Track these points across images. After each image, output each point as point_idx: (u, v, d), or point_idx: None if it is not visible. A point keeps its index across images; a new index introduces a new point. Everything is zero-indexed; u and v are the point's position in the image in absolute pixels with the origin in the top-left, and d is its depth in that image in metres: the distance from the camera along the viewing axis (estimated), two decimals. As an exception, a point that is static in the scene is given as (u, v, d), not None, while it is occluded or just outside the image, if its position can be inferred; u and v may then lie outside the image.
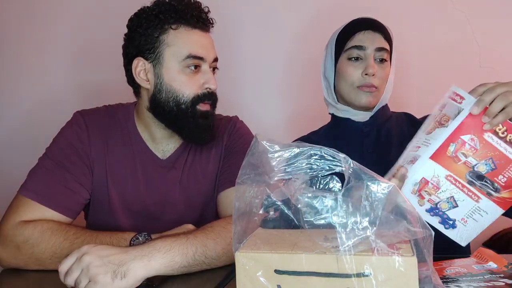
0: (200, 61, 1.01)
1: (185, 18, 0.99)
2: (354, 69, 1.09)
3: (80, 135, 1.02)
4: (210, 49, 1.03)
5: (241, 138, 1.11)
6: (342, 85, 1.12)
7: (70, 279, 0.73)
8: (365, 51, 1.09)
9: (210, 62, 1.03)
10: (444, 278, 0.71)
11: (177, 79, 1.00)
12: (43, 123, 1.65)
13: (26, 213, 0.91)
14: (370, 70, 1.06)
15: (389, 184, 0.54)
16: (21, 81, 1.75)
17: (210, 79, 1.02)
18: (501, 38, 1.66)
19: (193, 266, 0.80)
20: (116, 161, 1.05)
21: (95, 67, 1.73)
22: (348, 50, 1.10)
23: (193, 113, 1.01)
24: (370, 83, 1.08)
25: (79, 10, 1.74)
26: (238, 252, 0.55)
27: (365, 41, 1.09)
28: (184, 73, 1.00)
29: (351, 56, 1.10)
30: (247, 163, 0.59)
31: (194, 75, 1.01)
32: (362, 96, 1.09)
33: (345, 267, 0.51)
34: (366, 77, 1.08)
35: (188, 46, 0.99)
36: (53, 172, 0.97)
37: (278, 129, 1.72)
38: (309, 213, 0.55)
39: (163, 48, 1.00)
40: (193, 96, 1.00)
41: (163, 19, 0.99)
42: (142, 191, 1.06)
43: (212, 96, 1.03)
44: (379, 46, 1.08)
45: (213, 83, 1.02)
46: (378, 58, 1.09)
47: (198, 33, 1.01)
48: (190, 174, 1.09)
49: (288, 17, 1.72)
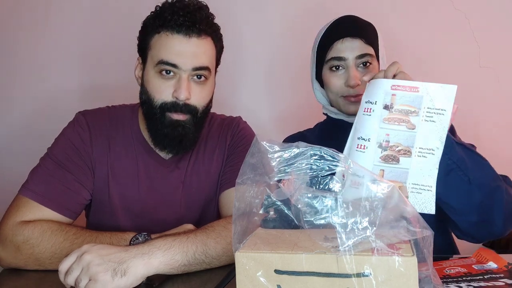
0: (172, 68, 0.96)
1: (168, 23, 0.96)
2: (337, 79, 1.07)
3: (82, 135, 1.02)
4: (190, 57, 0.96)
5: (244, 139, 1.11)
6: (329, 94, 1.11)
7: (71, 278, 0.73)
8: (345, 61, 1.05)
9: (188, 70, 0.96)
10: (444, 278, 0.71)
11: (150, 83, 0.99)
12: (45, 123, 1.66)
13: (26, 213, 0.91)
14: (352, 82, 1.03)
15: (389, 184, 0.54)
16: (23, 81, 1.75)
17: (180, 88, 0.95)
18: (501, 38, 1.66)
19: (194, 265, 0.80)
20: (118, 161, 1.05)
21: (98, 67, 1.74)
22: (328, 61, 1.08)
23: (161, 119, 0.99)
24: (354, 94, 1.04)
25: (83, 11, 1.74)
26: (238, 252, 0.55)
27: (344, 51, 1.05)
28: (157, 78, 0.98)
29: (332, 66, 1.07)
30: (247, 164, 0.59)
31: (167, 81, 0.97)
32: (349, 106, 1.07)
33: (345, 267, 0.51)
34: (349, 88, 1.05)
35: (161, 52, 0.97)
36: (54, 173, 0.97)
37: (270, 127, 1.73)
38: (309, 213, 0.55)
39: (148, 51, 1.00)
40: (161, 102, 0.98)
41: (152, 23, 0.99)
42: (144, 191, 1.06)
43: (185, 107, 0.98)
44: (359, 54, 1.05)
45: (183, 93, 0.95)
46: (360, 63, 1.06)
47: (178, 39, 0.96)
48: (193, 174, 1.09)
49: (278, 13, 1.72)
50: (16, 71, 1.75)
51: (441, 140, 0.80)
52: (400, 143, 0.82)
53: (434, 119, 0.80)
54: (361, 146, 0.84)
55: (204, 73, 0.99)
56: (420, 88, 0.81)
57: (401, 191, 0.55)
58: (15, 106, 1.74)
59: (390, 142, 0.82)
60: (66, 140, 1.02)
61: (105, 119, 1.07)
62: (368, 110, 0.85)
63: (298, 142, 0.60)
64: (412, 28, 1.67)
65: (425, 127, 0.81)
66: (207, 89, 1.02)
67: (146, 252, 0.76)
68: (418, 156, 0.81)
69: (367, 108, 0.85)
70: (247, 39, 1.73)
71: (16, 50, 1.75)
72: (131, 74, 1.08)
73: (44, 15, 1.74)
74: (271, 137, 0.59)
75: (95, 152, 1.03)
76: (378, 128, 0.83)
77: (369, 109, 0.84)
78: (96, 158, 1.03)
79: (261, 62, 1.75)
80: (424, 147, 0.81)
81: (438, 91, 0.80)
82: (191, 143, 1.03)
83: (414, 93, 0.81)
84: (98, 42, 1.73)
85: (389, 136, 0.82)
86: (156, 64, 0.97)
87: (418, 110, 0.81)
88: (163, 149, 1.03)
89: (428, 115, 0.81)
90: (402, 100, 0.82)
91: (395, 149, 0.82)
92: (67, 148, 1.00)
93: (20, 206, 0.92)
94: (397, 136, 0.82)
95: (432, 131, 0.80)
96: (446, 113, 0.80)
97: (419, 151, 0.81)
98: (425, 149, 0.81)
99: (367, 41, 1.06)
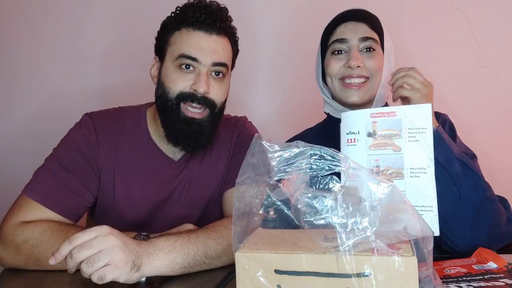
0: (193, 62, 0.98)
1: (190, 20, 0.98)
2: (336, 62, 1.05)
3: (88, 138, 1.02)
4: (210, 52, 0.99)
5: (249, 138, 1.11)
6: (328, 80, 1.08)
7: (84, 253, 0.69)
8: (348, 43, 1.03)
9: (208, 65, 0.98)
10: (444, 278, 0.71)
11: (168, 76, 1.00)
12: (51, 122, 1.66)
13: (28, 213, 0.91)
14: (353, 62, 1.01)
15: (389, 184, 0.54)
16: (30, 81, 1.76)
17: (200, 81, 0.97)
18: (501, 38, 1.67)
19: (193, 266, 0.80)
20: (125, 164, 1.04)
21: (106, 68, 1.74)
22: (331, 45, 1.06)
23: (177, 112, 0.99)
24: (355, 74, 1.02)
25: (102, 12, 1.74)
26: (238, 252, 0.56)
27: (347, 33, 1.03)
28: (176, 72, 0.99)
29: (334, 50, 1.05)
30: (247, 163, 0.59)
31: (186, 74, 0.99)
32: (348, 94, 1.04)
33: (345, 267, 0.51)
34: (349, 69, 1.02)
35: (183, 46, 0.99)
36: (58, 174, 0.96)
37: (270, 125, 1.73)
38: (309, 213, 0.55)
39: (167, 48, 1.01)
40: (178, 92, 0.99)
41: (173, 22, 1.01)
42: (151, 193, 1.06)
43: (203, 101, 0.99)
44: (363, 36, 1.03)
45: (202, 86, 0.97)
46: (364, 48, 1.03)
47: (199, 35, 0.99)
48: (200, 173, 1.09)
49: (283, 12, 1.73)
50: (22, 71, 1.75)
51: (430, 158, 0.81)
52: (390, 166, 0.83)
53: (417, 138, 0.81)
54: (353, 176, 0.85)
55: (223, 69, 1.01)
56: (397, 112, 0.83)
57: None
58: (21, 105, 1.75)
59: (380, 167, 0.83)
60: (72, 142, 1.01)
61: (112, 120, 1.06)
62: (352, 140, 0.86)
63: (297, 141, 0.60)
64: (412, 28, 1.67)
65: (411, 147, 0.82)
66: (224, 86, 1.04)
67: (152, 253, 0.76)
68: (411, 177, 0.81)
69: (350, 139, 0.86)
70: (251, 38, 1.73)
71: (22, 50, 1.76)
72: (140, 75, 1.08)
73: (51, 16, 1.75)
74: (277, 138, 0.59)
75: (101, 155, 1.02)
76: (366, 156, 0.84)
77: (352, 139, 0.86)
78: (102, 161, 1.02)
79: (266, 62, 1.75)
80: (414, 167, 0.81)
81: (414, 112, 0.82)
82: (206, 141, 1.03)
83: (392, 117, 0.83)
84: (106, 43, 1.73)
85: (378, 161, 0.83)
86: (176, 58, 0.99)
87: (400, 132, 0.82)
88: (177, 144, 1.03)
89: (410, 135, 0.82)
90: (384, 125, 0.84)
91: (386, 173, 0.83)
92: (72, 150, 1.00)
93: (22, 206, 0.92)
94: (386, 160, 0.83)
95: (418, 150, 0.81)
96: (427, 131, 0.81)
97: (411, 172, 0.82)
98: (416, 169, 0.81)
99: (372, 27, 1.04)
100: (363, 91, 1.04)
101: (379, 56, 1.05)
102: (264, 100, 1.76)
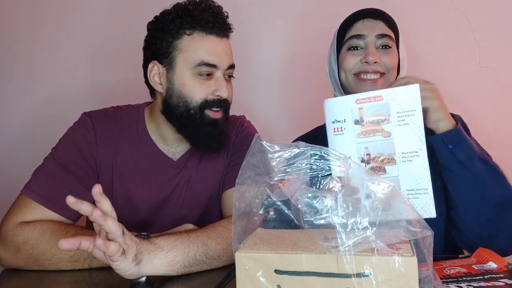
0: (212, 69, 0.98)
1: (200, 24, 0.97)
2: (353, 57, 1.04)
3: (87, 137, 1.02)
4: (225, 56, 1.00)
5: (248, 138, 1.11)
6: (343, 77, 1.07)
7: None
8: (365, 40, 1.03)
9: (224, 69, 1.00)
10: (444, 278, 0.71)
11: (187, 85, 0.99)
12: (49, 122, 1.66)
13: (27, 213, 0.90)
14: (371, 57, 0.99)
15: (389, 184, 0.54)
16: (28, 80, 1.76)
17: (222, 86, 0.99)
18: (501, 38, 1.67)
19: (194, 266, 0.80)
20: (124, 163, 1.04)
21: (104, 67, 1.74)
22: (347, 40, 1.05)
23: (201, 119, 0.99)
24: (371, 69, 1.01)
25: (91, 11, 1.74)
26: (238, 252, 0.55)
27: (364, 29, 1.03)
28: (195, 80, 0.99)
29: (351, 46, 1.04)
30: (247, 163, 0.59)
31: (206, 81, 0.99)
32: (363, 88, 1.01)
33: (345, 267, 0.51)
34: (366, 64, 1.01)
35: (200, 53, 0.97)
36: (57, 174, 0.96)
37: (280, 126, 1.73)
38: (309, 213, 0.55)
39: (176, 53, 0.99)
40: (202, 101, 0.99)
41: (178, 25, 0.98)
42: (150, 192, 1.06)
43: (223, 103, 1.01)
44: (380, 33, 1.02)
45: (225, 91, 0.99)
46: (380, 45, 1.03)
47: (212, 39, 0.99)
48: (199, 173, 1.09)
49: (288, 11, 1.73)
50: (21, 70, 1.75)
51: (421, 140, 0.79)
52: (381, 153, 0.81)
53: (407, 121, 0.80)
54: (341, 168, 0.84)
55: (232, 71, 1.04)
56: (383, 95, 0.81)
57: None
58: (20, 104, 1.75)
59: (371, 154, 0.82)
60: (70, 142, 1.01)
61: (111, 120, 1.06)
62: (339, 129, 0.83)
63: (298, 142, 0.60)
64: (412, 28, 1.67)
65: (400, 131, 0.80)
66: (232, 87, 1.06)
67: (153, 250, 0.76)
68: (403, 161, 0.80)
69: (337, 127, 0.84)
70: (255, 38, 1.73)
71: (21, 49, 1.76)
72: (137, 74, 1.07)
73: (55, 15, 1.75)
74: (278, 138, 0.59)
75: (100, 154, 1.02)
76: (355, 144, 0.82)
77: (339, 128, 0.83)
78: (101, 161, 1.02)
79: (270, 61, 1.76)
80: (406, 151, 0.80)
81: (402, 93, 0.80)
82: (225, 139, 1.06)
83: (379, 102, 0.81)
84: (104, 42, 1.73)
85: (368, 149, 0.82)
86: (195, 66, 0.97)
87: (388, 117, 0.80)
88: (206, 148, 1.04)
89: (399, 119, 0.80)
90: (370, 111, 0.81)
91: (378, 160, 0.81)
92: (71, 150, 1.00)
93: (22, 206, 0.92)
94: (376, 147, 0.81)
95: (408, 134, 0.80)
96: (416, 113, 0.79)
97: (403, 156, 0.80)
98: (408, 153, 0.80)
99: (388, 25, 1.04)
100: (378, 85, 1.03)
101: (395, 54, 1.05)
102: (267, 100, 1.76)
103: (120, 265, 0.70)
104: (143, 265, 0.73)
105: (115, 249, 0.67)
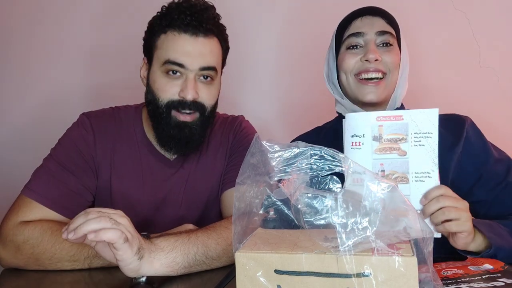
0: (179, 68, 0.96)
1: (176, 23, 0.97)
2: (352, 56, 1.00)
3: (85, 137, 1.02)
4: (197, 57, 0.96)
5: (246, 138, 1.11)
6: (343, 77, 1.03)
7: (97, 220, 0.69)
8: (364, 37, 0.99)
9: (195, 70, 0.97)
10: (443, 280, 0.71)
11: (157, 82, 0.99)
12: (48, 123, 1.66)
13: (27, 213, 0.91)
14: (371, 55, 0.96)
15: (389, 184, 0.54)
16: (26, 80, 1.76)
17: (187, 87, 0.96)
18: (501, 38, 1.67)
19: (194, 266, 0.80)
20: (122, 163, 1.05)
21: (102, 68, 1.73)
22: (346, 40, 1.01)
23: (167, 119, 0.99)
24: (372, 68, 0.97)
25: (90, 12, 1.74)
26: (238, 252, 0.56)
27: (363, 27, 0.99)
28: (163, 78, 0.98)
29: (349, 45, 1.00)
30: (247, 163, 0.59)
31: (173, 81, 0.98)
32: (365, 91, 0.99)
33: (345, 267, 0.51)
34: (366, 63, 0.97)
35: (168, 52, 0.97)
36: (57, 174, 0.96)
37: (276, 127, 1.73)
38: (309, 213, 0.55)
39: (153, 51, 1.00)
40: (168, 100, 0.98)
41: (158, 23, 0.99)
42: (147, 192, 1.06)
43: (196, 106, 0.98)
44: (380, 30, 0.98)
45: (190, 93, 0.96)
46: (381, 42, 0.99)
47: (186, 38, 0.96)
48: (197, 173, 1.09)
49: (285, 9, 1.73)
50: (19, 71, 1.75)
51: (434, 162, 0.81)
52: (395, 170, 0.83)
53: (422, 142, 0.82)
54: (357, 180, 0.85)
55: (211, 73, 1.00)
56: (404, 116, 0.83)
57: None
58: (19, 105, 1.74)
59: (386, 171, 0.83)
60: (69, 142, 1.02)
61: (109, 120, 1.07)
62: (357, 144, 0.85)
63: (298, 141, 0.60)
64: (412, 28, 1.67)
65: (416, 151, 0.82)
66: (213, 90, 1.02)
67: (153, 250, 0.76)
68: (415, 181, 0.82)
69: (355, 142, 0.85)
70: (253, 38, 1.73)
71: (19, 50, 1.75)
72: (136, 74, 1.08)
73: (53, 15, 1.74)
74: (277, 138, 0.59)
75: (98, 154, 1.03)
76: (372, 160, 0.84)
77: (357, 143, 0.85)
78: (100, 160, 1.03)
79: (267, 61, 1.76)
80: (419, 171, 0.82)
81: (422, 116, 0.82)
82: (197, 144, 1.04)
83: (399, 121, 0.83)
84: (103, 43, 1.73)
85: (384, 165, 0.83)
86: (162, 64, 0.97)
87: (406, 137, 0.82)
88: (169, 150, 1.04)
89: (416, 139, 0.82)
90: (390, 129, 0.83)
91: (391, 177, 0.83)
92: (70, 150, 1.00)
93: (22, 206, 0.92)
94: (391, 165, 0.83)
95: (423, 155, 0.82)
96: (433, 135, 0.82)
97: (415, 176, 0.82)
98: (421, 173, 0.82)
99: (388, 22, 1.00)
100: (380, 88, 0.99)
101: (396, 52, 1.00)
102: (263, 100, 1.76)
103: (124, 255, 0.70)
104: (144, 263, 0.73)
105: (115, 236, 0.68)
